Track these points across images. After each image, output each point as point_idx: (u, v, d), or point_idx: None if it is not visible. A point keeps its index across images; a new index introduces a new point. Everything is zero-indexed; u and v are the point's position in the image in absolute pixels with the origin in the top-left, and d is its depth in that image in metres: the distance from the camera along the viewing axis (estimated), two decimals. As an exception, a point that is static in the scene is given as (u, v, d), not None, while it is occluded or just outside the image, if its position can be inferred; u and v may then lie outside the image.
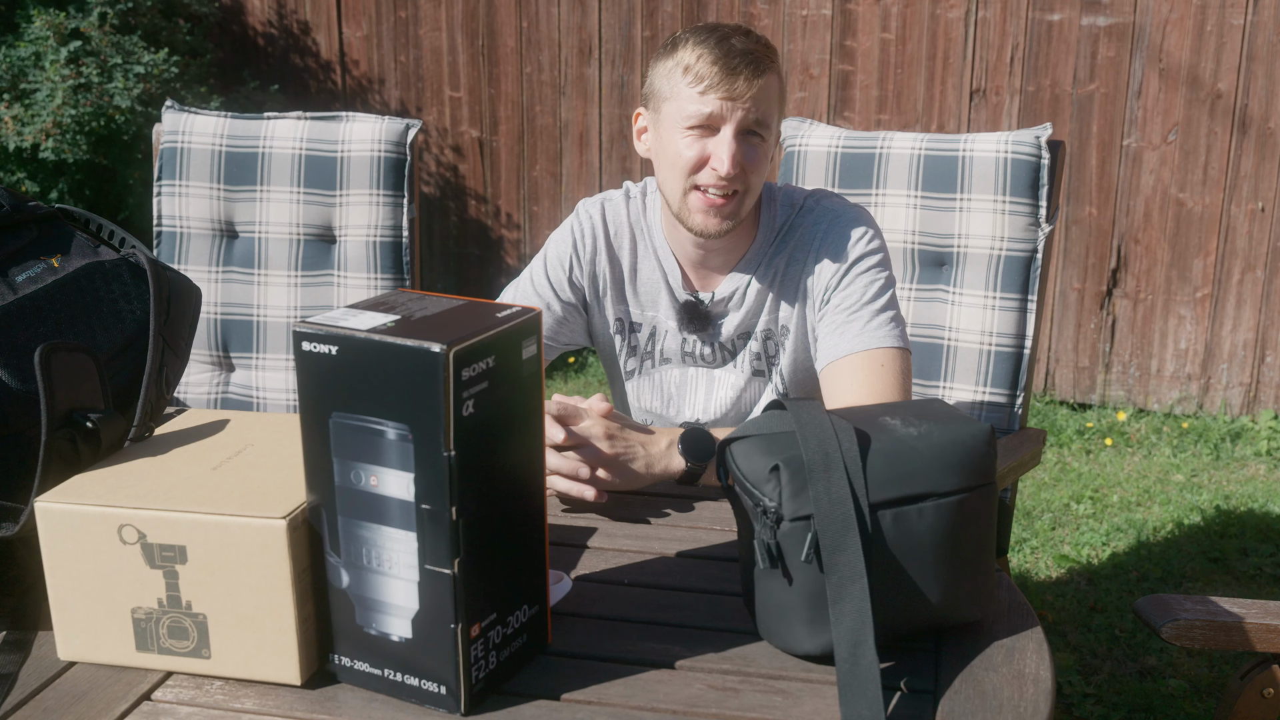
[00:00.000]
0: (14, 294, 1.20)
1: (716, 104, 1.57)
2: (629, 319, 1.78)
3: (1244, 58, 3.58)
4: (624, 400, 1.88)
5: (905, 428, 1.11)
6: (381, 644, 1.03)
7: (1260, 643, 1.39)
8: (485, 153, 4.45)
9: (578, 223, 1.77)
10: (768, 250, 1.72)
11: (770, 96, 1.60)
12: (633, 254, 1.77)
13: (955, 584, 1.10)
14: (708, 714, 1.02)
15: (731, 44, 1.58)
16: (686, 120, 1.59)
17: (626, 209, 1.77)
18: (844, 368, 1.62)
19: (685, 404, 1.80)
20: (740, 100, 1.57)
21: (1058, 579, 2.92)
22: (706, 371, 1.78)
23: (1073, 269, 3.89)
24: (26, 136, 3.77)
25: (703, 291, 1.75)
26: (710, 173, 1.60)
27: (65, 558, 1.06)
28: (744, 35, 1.60)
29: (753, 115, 1.58)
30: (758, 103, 1.58)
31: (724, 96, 1.57)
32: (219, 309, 2.27)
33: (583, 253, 1.75)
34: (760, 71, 1.58)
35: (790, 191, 1.76)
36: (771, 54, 1.61)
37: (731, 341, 1.75)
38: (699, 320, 1.74)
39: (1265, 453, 3.64)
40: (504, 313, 1.02)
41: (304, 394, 1.00)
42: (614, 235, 1.76)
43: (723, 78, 1.57)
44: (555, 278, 1.76)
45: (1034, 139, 2.07)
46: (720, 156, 1.58)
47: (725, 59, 1.56)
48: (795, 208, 1.73)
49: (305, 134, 2.25)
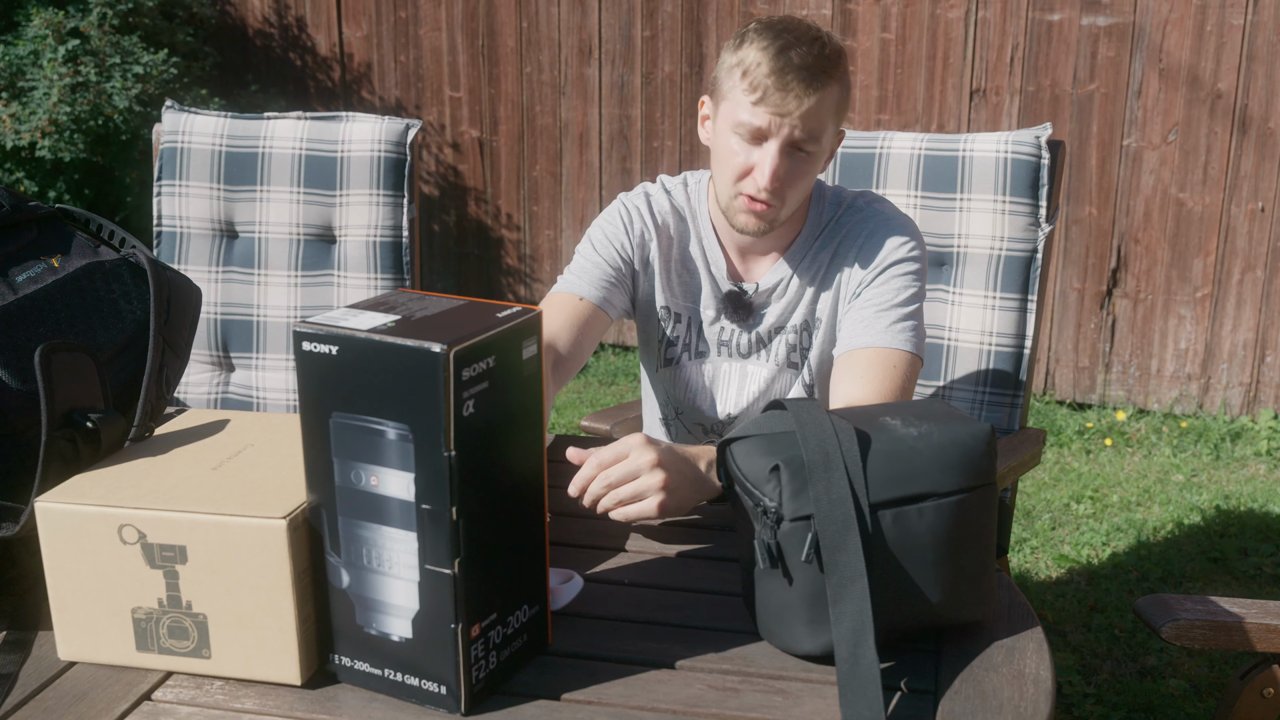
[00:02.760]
0: (14, 294, 1.20)
1: (765, 118, 1.56)
2: (673, 308, 1.79)
3: (1244, 58, 3.58)
4: (657, 389, 1.89)
5: (905, 428, 1.11)
6: (382, 644, 1.03)
7: (1260, 643, 1.39)
8: (485, 152, 4.45)
9: (623, 208, 1.77)
10: (812, 244, 1.73)
11: (825, 109, 1.58)
12: (680, 243, 1.78)
13: (955, 584, 1.10)
14: (708, 714, 1.02)
15: (790, 57, 1.55)
16: (737, 126, 1.59)
17: (669, 200, 1.78)
18: (859, 359, 1.64)
19: (718, 396, 1.81)
20: (789, 118, 1.56)
21: (1058, 579, 2.92)
22: (740, 364, 1.79)
23: (1073, 269, 3.89)
24: (24, 135, 3.77)
25: (747, 281, 1.76)
26: (751, 182, 1.61)
27: (65, 558, 1.06)
28: (808, 44, 1.56)
29: (800, 132, 1.57)
30: (807, 119, 1.56)
31: (774, 112, 1.56)
32: (219, 309, 2.27)
33: (632, 233, 1.76)
34: (816, 88, 1.55)
35: (839, 190, 1.77)
36: (833, 66, 1.58)
37: (769, 332, 1.77)
38: (742, 310, 1.76)
39: (1265, 453, 3.64)
40: (504, 313, 1.02)
41: (304, 394, 1.00)
42: (660, 223, 1.77)
43: (775, 91, 1.55)
44: (607, 251, 1.75)
45: (1034, 139, 2.07)
46: (762, 169, 1.58)
47: (780, 74, 1.54)
48: (843, 205, 1.74)
49: (305, 134, 2.25)
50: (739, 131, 1.60)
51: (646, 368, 1.90)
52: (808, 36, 1.58)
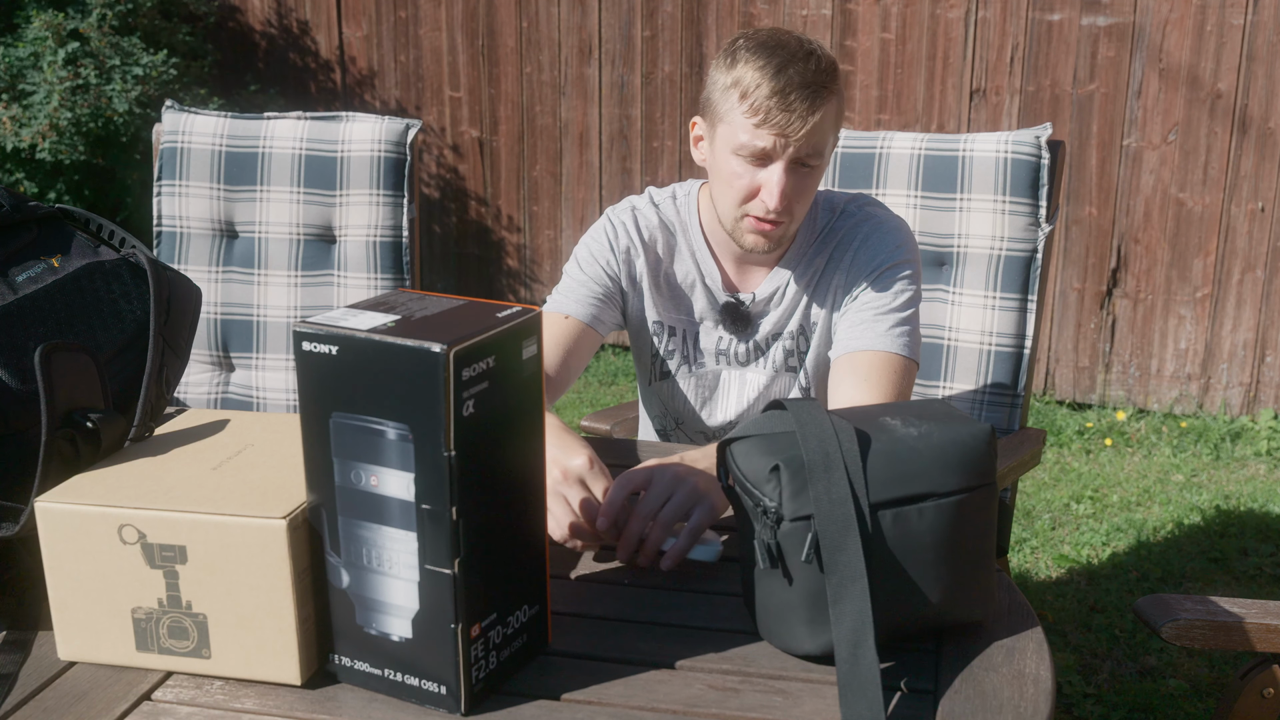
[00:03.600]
0: (14, 294, 1.20)
1: (770, 140, 1.55)
2: (666, 322, 1.78)
3: (1244, 58, 3.58)
4: (652, 402, 1.88)
5: (905, 428, 1.11)
6: (381, 644, 1.03)
7: (1260, 643, 1.39)
8: (485, 153, 4.45)
9: (609, 225, 1.76)
10: (807, 251, 1.73)
11: (827, 124, 1.57)
12: (668, 257, 1.76)
13: (955, 584, 1.10)
14: (708, 714, 1.02)
15: (790, 75, 1.53)
16: (739, 149, 1.58)
17: (658, 214, 1.76)
18: (859, 362, 1.63)
19: (718, 405, 1.80)
20: (794, 137, 1.55)
21: (1058, 579, 2.92)
22: (739, 371, 1.78)
23: (1073, 269, 3.89)
24: (24, 137, 3.77)
25: (743, 291, 1.75)
26: (759, 204, 1.60)
27: (65, 558, 1.06)
28: (804, 60, 1.55)
29: (805, 149, 1.56)
30: (811, 136, 1.56)
31: (777, 133, 1.54)
32: (219, 309, 2.27)
33: (618, 249, 1.74)
34: (818, 105, 1.54)
35: (832, 195, 1.76)
36: (831, 80, 1.57)
37: (766, 339, 1.76)
38: (740, 321, 1.75)
39: (1265, 453, 3.64)
40: (504, 313, 1.02)
41: (304, 394, 1.00)
42: (648, 239, 1.75)
43: (778, 112, 1.53)
44: (593, 269, 1.74)
45: (1034, 139, 2.07)
46: (770, 190, 1.57)
47: (783, 94, 1.53)
48: (836, 211, 1.74)
49: (305, 134, 2.25)
50: (741, 154, 1.58)
51: (641, 382, 1.89)
52: (802, 52, 1.56)
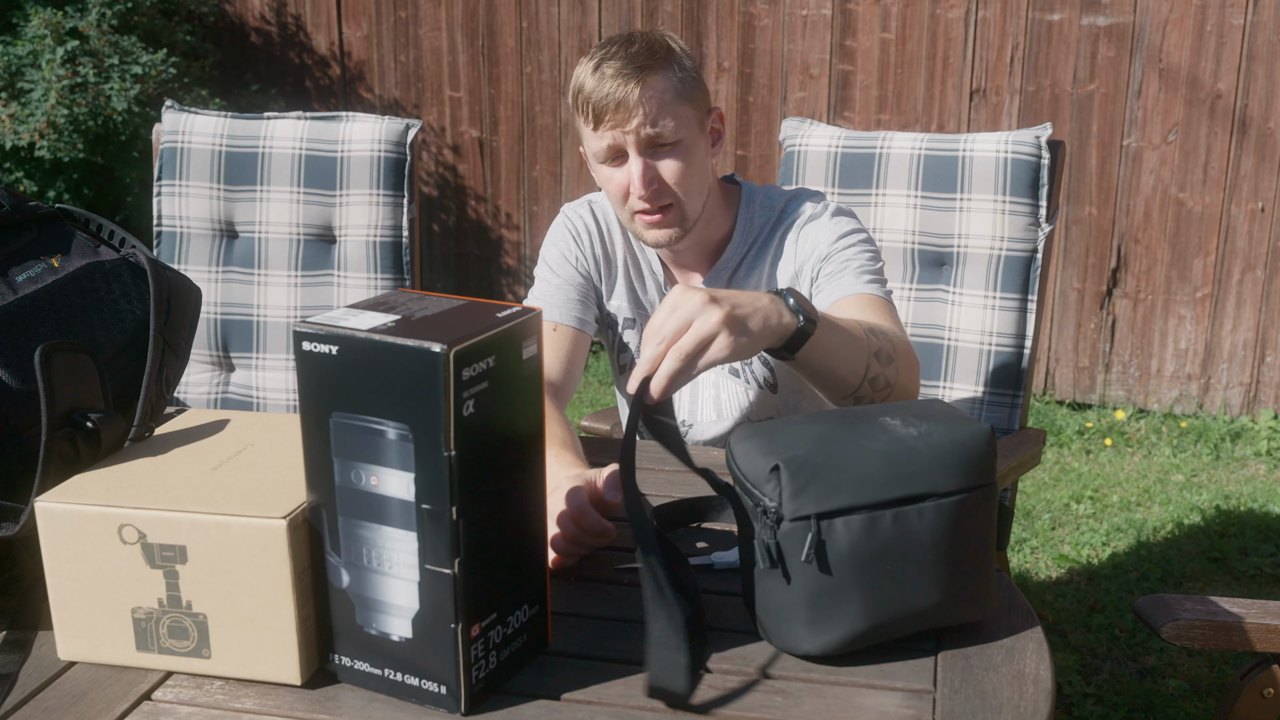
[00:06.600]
0: (14, 294, 1.20)
1: (610, 135, 1.57)
2: (626, 313, 1.79)
3: (1244, 58, 3.58)
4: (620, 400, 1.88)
5: (905, 428, 1.11)
6: (381, 644, 1.03)
7: (1260, 643, 1.39)
8: (485, 152, 4.45)
9: (567, 221, 1.77)
10: (747, 250, 1.72)
11: (660, 99, 1.56)
12: (625, 248, 1.77)
13: (955, 584, 1.10)
14: (708, 714, 1.02)
15: (604, 70, 1.55)
16: (596, 155, 1.62)
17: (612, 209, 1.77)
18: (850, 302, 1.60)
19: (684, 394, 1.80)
20: (627, 124, 1.55)
21: (1058, 579, 2.92)
22: None
23: (1073, 269, 3.89)
24: (23, 135, 3.77)
25: None
26: (636, 199, 1.61)
27: (65, 558, 1.06)
28: (623, 47, 1.57)
29: (647, 131, 1.56)
30: (650, 115, 1.55)
31: (613, 126, 1.56)
32: (219, 309, 2.27)
33: (582, 243, 1.76)
34: (638, 84, 1.54)
35: (771, 193, 1.75)
36: (651, 57, 1.56)
37: None
38: None
39: (1265, 453, 3.64)
40: (504, 313, 1.02)
41: (304, 394, 1.00)
42: (605, 231, 1.77)
43: (605, 108, 1.55)
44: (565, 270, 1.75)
45: (1034, 139, 2.07)
46: (634, 181, 1.59)
47: (599, 89, 1.55)
48: (776, 210, 1.73)
49: (305, 134, 2.25)
50: (600, 159, 1.61)
51: (614, 372, 1.89)
52: (620, 41, 1.58)
